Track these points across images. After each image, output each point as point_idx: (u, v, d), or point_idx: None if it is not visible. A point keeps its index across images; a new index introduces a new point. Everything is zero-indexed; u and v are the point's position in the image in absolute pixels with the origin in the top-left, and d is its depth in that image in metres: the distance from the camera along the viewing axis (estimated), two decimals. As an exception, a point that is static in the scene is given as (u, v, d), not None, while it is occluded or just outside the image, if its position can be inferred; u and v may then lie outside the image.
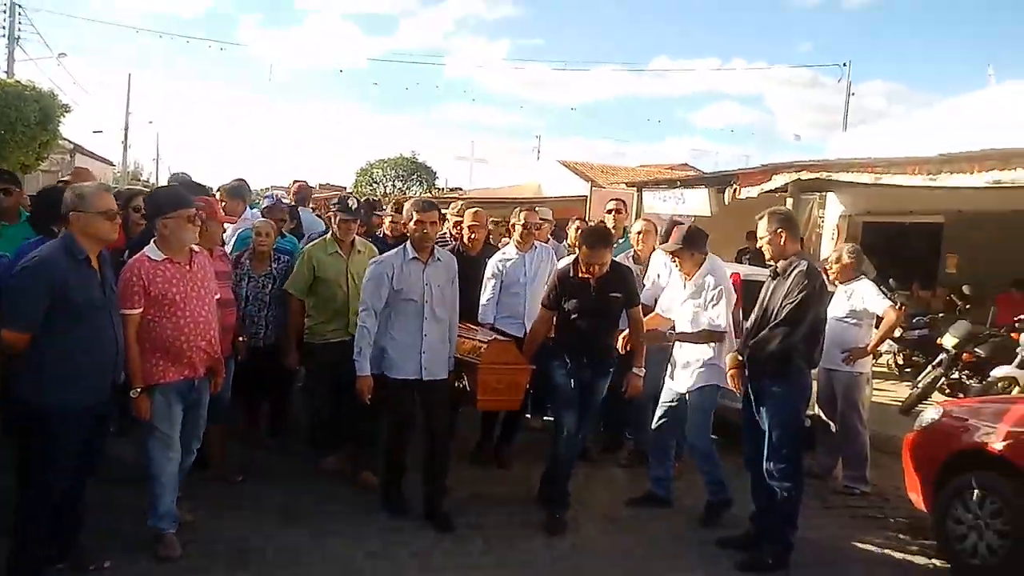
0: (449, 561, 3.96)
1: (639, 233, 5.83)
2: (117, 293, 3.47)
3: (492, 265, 5.35)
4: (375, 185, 31.88)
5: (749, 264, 9.04)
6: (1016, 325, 7.68)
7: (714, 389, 4.56)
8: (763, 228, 4.23)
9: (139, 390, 3.53)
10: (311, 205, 8.26)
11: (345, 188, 37.65)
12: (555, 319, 4.63)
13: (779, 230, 4.15)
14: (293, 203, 7.22)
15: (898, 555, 4.41)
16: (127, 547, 3.65)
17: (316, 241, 5.19)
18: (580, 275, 4.45)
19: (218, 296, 3.98)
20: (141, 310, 3.53)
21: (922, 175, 7.10)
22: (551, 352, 4.61)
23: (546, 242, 6.11)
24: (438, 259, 4.37)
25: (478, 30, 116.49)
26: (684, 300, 4.67)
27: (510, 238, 5.68)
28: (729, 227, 10.56)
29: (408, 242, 4.37)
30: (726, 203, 10.26)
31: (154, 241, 3.66)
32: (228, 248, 5.16)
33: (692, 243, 4.57)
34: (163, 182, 25.91)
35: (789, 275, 4.06)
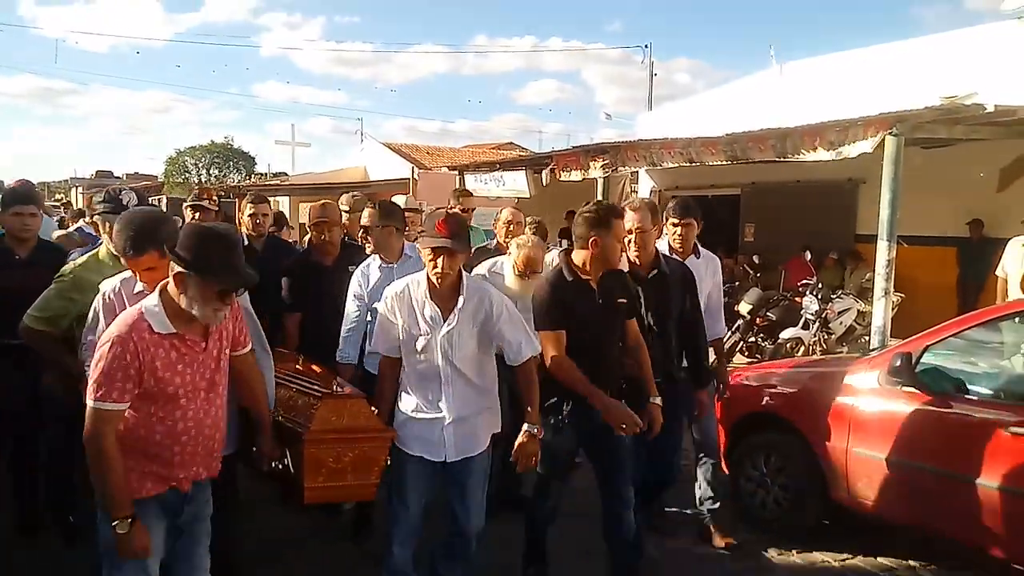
0: None
1: (508, 223, 5.04)
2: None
3: (354, 281, 3.97)
4: (188, 174, 30.05)
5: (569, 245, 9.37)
6: (800, 289, 8.46)
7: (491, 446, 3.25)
8: (640, 220, 3.67)
9: (129, 520, 2.32)
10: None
11: (156, 178, 35.36)
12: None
13: (654, 227, 3.75)
14: None
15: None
16: None
17: (85, 259, 3.43)
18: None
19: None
20: (128, 405, 2.34)
21: (714, 154, 7.61)
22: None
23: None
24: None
25: (291, 7, 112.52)
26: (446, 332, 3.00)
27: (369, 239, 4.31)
28: (549, 206, 10.86)
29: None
30: (544, 184, 10.55)
31: (160, 296, 2.40)
32: None
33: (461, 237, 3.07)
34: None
35: (668, 276, 3.76)
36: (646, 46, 24.56)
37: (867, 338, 6.89)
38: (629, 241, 3.65)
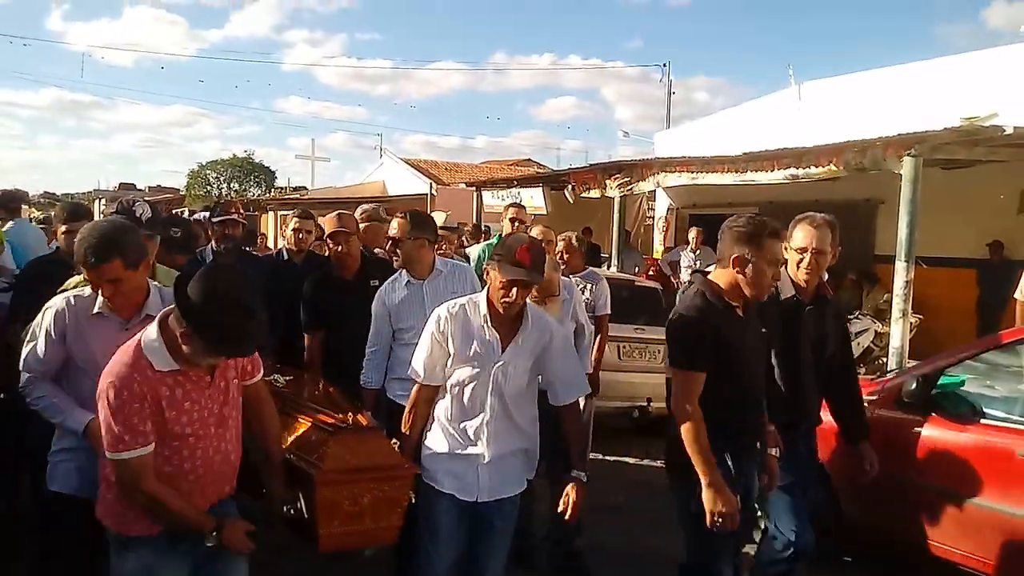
0: None
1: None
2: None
3: (378, 298, 3.61)
4: (209, 188, 30.44)
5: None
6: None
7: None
8: (819, 240, 3.16)
9: (214, 531, 2.26)
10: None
11: (178, 191, 35.77)
12: None
13: (833, 249, 3.21)
14: None
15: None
16: None
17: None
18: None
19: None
20: (153, 445, 2.19)
21: (731, 172, 7.65)
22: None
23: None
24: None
25: (313, 24, 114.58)
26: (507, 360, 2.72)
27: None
28: (567, 223, 10.90)
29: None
30: (571, 201, 10.64)
31: (160, 330, 2.21)
32: None
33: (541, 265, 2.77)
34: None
35: (831, 305, 3.36)
36: (665, 64, 24.52)
37: (884, 359, 6.83)
38: (800, 262, 3.17)
